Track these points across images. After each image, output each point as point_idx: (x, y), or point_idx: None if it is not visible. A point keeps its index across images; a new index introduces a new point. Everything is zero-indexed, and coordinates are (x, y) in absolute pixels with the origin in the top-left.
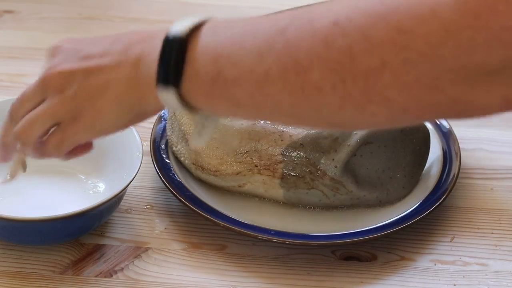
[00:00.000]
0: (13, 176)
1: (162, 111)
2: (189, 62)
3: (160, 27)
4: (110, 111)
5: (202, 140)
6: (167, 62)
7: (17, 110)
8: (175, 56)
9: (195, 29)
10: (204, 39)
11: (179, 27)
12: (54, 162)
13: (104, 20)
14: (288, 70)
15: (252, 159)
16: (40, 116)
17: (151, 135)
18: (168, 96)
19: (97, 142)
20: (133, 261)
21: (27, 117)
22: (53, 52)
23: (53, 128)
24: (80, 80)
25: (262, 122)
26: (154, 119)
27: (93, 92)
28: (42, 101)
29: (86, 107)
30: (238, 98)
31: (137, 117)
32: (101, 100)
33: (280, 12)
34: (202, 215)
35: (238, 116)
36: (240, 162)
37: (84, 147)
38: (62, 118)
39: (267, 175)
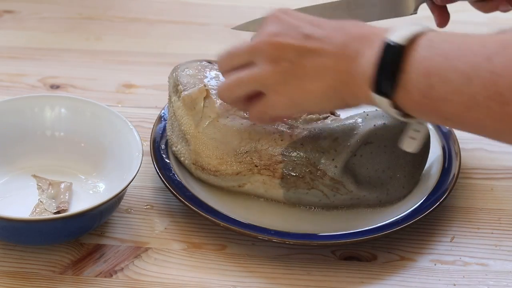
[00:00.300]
0: None
1: (162, 111)
2: (404, 72)
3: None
4: (317, 95)
5: (415, 145)
6: (384, 70)
7: (224, 62)
8: (392, 65)
9: (413, 40)
10: (420, 52)
11: (399, 35)
12: (54, 162)
13: (104, 20)
14: (492, 99)
15: (252, 159)
16: (246, 79)
17: (151, 135)
18: (382, 102)
19: (97, 142)
20: (133, 261)
21: (233, 77)
22: (270, 20)
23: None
24: (295, 57)
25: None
26: (154, 119)
27: (307, 72)
28: (249, 63)
29: (294, 84)
30: (446, 114)
31: (340, 106)
32: (312, 83)
33: (489, 35)
34: (202, 215)
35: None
36: (240, 162)
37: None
38: (267, 87)
39: (267, 175)
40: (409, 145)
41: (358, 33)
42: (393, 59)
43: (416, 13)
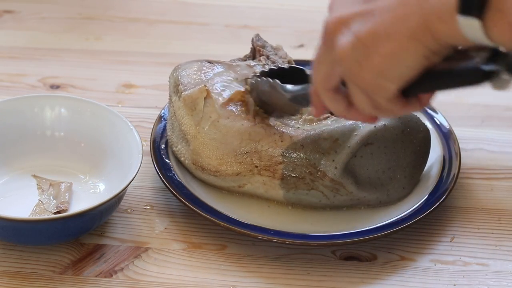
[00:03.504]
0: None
1: (162, 111)
2: None
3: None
4: (402, 50)
5: (507, 84)
6: None
7: (314, 80)
8: None
9: None
10: None
11: None
12: (54, 162)
13: (104, 20)
14: None
15: (252, 159)
16: (329, 66)
17: (151, 135)
18: (470, 27)
19: (97, 142)
20: (133, 261)
21: (325, 92)
22: (331, 5)
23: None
24: (362, 23)
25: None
26: (154, 119)
27: (378, 36)
28: (333, 61)
29: (370, 55)
30: None
31: (427, 58)
32: (389, 40)
33: None
34: (202, 215)
35: None
36: (240, 163)
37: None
38: (347, 71)
39: (267, 175)
40: (502, 84)
41: None
42: None
43: None
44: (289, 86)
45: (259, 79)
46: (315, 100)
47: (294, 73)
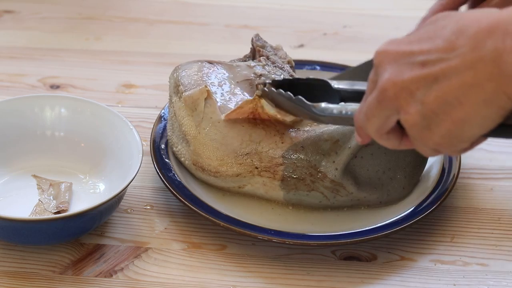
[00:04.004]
0: None
1: (162, 111)
2: None
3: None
4: (476, 115)
5: None
6: None
7: (363, 125)
8: None
9: None
10: None
11: None
12: (54, 162)
13: (104, 20)
14: None
15: (252, 161)
16: (384, 122)
17: (151, 135)
18: None
19: (97, 142)
20: (133, 261)
21: (377, 135)
22: (379, 60)
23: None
24: (425, 92)
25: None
26: (154, 119)
27: (446, 102)
28: (389, 116)
29: (439, 123)
30: None
31: (501, 117)
32: (461, 107)
33: None
34: (202, 215)
35: None
36: (240, 164)
37: None
38: (414, 137)
39: (268, 177)
40: None
41: (481, 29)
42: None
43: None
44: (322, 105)
45: (273, 89)
46: (361, 134)
47: (310, 84)
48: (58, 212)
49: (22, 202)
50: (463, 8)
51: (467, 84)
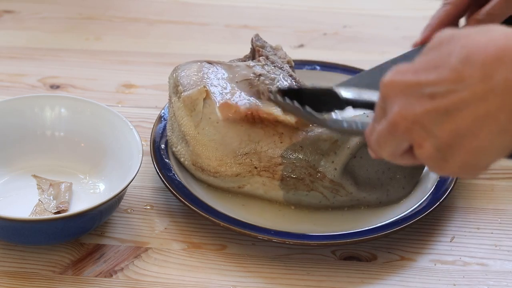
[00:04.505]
0: None
1: (162, 111)
2: None
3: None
4: (491, 145)
5: None
6: None
7: (375, 150)
8: None
9: None
10: None
11: None
12: (54, 162)
13: (104, 20)
14: None
15: (251, 160)
16: (396, 149)
17: (151, 135)
18: None
19: (97, 142)
20: (133, 261)
21: (391, 159)
22: (387, 92)
23: None
24: (439, 122)
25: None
26: (154, 119)
27: (462, 134)
28: (402, 144)
29: (456, 154)
30: None
31: None
32: (476, 138)
33: None
34: (202, 215)
35: None
36: (239, 164)
37: None
38: (430, 164)
39: (267, 176)
40: None
41: (488, 57)
42: None
43: None
44: (332, 117)
45: (279, 98)
46: (375, 151)
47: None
48: (58, 212)
49: (22, 202)
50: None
51: (480, 116)
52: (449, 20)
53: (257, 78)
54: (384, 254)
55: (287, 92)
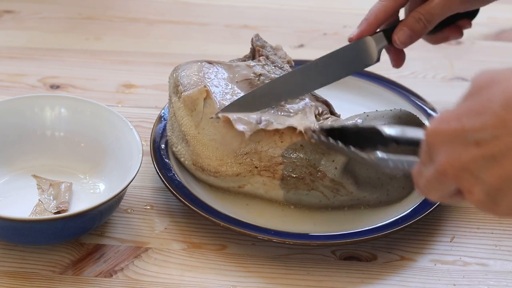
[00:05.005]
0: None
1: (162, 111)
2: None
3: None
4: None
5: None
6: None
7: (424, 194)
8: None
9: None
10: None
11: None
12: (54, 162)
13: (104, 20)
14: None
15: (252, 160)
16: (443, 193)
17: (151, 135)
18: None
19: (97, 142)
20: (133, 261)
21: (440, 201)
22: (432, 141)
23: None
24: (486, 168)
25: (262, 123)
26: (154, 119)
27: (510, 176)
28: (450, 189)
29: (506, 192)
30: None
31: None
32: None
33: None
34: (202, 215)
35: None
36: (240, 164)
37: None
38: (480, 207)
39: (267, 176)
40: None
41: None
42: None
43: (379, 60)
44: (378, 156)
45: (323, 139)
46: (424, 194)
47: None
48: (58, 212)
49: (22, 202)
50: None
51: None
52: (387, 14)
53: (257, 78)
54: (384, 254)
55: (329, 131)
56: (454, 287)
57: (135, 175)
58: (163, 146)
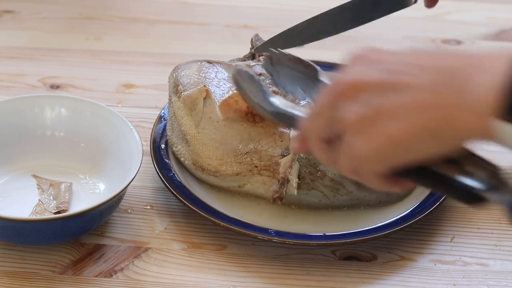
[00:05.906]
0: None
1: (162, 111)
2: None
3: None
4: (410, 140)
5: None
6: None
7: (305, 127)
8: None
9: None
10: None
11: None
12: (54, 162)
13: (104, 20)
14: None
15: (252, 159)
16: (325, 125)
17: (151, 135)
18: (508, 131)
19: (97, 142)
20: (133, 261)
21: (316, 141)
22: (353, 60)
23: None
24: (376, 96)
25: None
26: (154, 119)
27: (391, 114)
28: (332, 118)
29: (376, 132)
30: None
31: (435, 151)
32: (398, 126)
33: None
34: (202, 215)
35: None
36: (240, 163)
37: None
38: (346, 137)
39: (267, 175)
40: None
41: (458, 62)
42: None
43: (416, 2)
44: (276, 100)
45: (242, 71)
46: (300, 139)
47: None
48: (58, 212)
49: (22, 202)
50: None
51: (417, 103)
52: None
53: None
54: (384, 254)
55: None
56: (454, 287)
57: (135, 175)
58: (163, 146)
